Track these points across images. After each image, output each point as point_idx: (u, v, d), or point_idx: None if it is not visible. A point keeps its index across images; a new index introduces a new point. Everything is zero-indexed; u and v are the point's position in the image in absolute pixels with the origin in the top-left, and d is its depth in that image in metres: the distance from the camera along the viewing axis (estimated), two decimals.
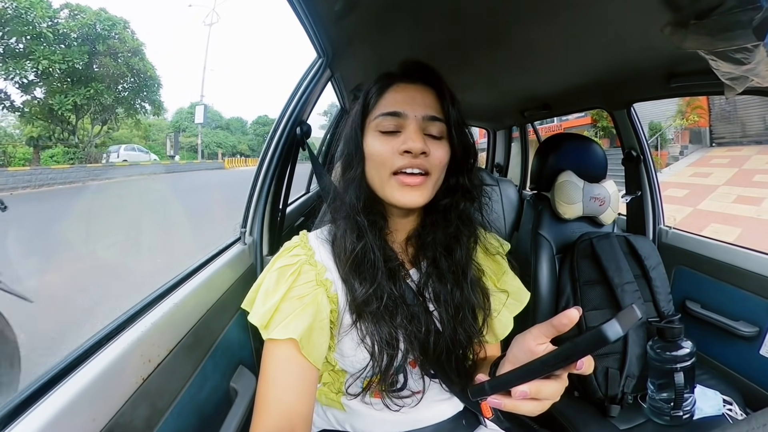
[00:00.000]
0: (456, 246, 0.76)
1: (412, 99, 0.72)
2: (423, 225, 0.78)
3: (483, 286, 0.79)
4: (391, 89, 0.74)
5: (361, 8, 0.99)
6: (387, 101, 0.73)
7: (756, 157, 11.61)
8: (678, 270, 1.60)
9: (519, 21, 1.04)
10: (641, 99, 1.64)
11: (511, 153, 3.34)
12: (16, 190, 13.47)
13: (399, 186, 0.69)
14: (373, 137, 0.72)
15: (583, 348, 0.43)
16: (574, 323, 0.48)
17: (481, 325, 0.77)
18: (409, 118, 0.70)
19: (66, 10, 18.01)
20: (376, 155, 0.70)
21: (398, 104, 0.71)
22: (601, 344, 0.41)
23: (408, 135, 0.68)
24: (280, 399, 0.63)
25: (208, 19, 43.13)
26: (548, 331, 0.51)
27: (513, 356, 0.55)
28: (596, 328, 0.41)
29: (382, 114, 0.71)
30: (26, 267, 5.56)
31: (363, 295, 0.68)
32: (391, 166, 0.69)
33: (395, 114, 0.70)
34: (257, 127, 46.29)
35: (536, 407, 0.51)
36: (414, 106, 0.71)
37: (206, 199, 12.35)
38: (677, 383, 1.07)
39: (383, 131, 0.71)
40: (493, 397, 0.51)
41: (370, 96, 0.75)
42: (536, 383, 0.48)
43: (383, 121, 0.71)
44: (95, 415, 0.51)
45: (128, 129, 27.18)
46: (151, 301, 0.74)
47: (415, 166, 0.68)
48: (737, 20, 0.70)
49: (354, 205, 0.71)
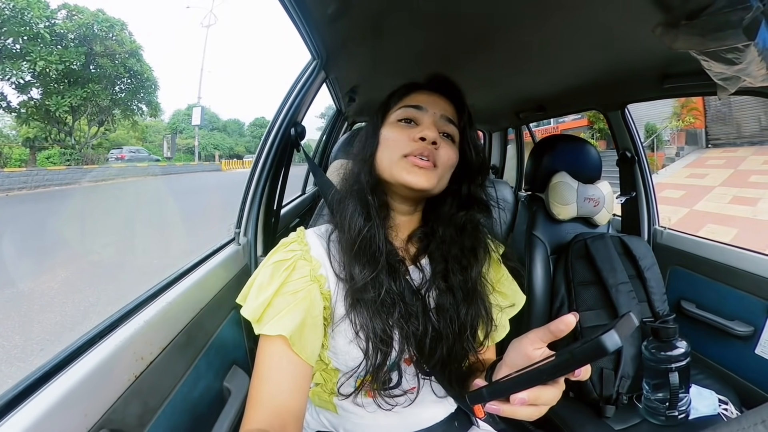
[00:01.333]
0: (473, 263, 0.77)
1: (434, 101, 0.78)
2: (432, 235, 0.79)
3: (490, 301, 0.79)
4: (416, 92, 0.80)
5: (354, 11, 1.00)
6: (411, 98, 0.79)
7: (752, 158, 11.70)
8: (673, 270, 1.61)
9: (513, 23, 1.05)
10: (635, 100, 1.64)
11: (507, 155, 3.35)
12: (12, 192, 13.42)
13: (409, 165, 0.71)
14: (392, 126, 0.76)
15: (581, 358, 0.44)
16: (571, 329, 0.49)
17: (483, 338, 0.78)
18: (428, 113, 0.76)
19: (64, 10, 17.98)
20: (393, 140, 0.74)
21: (421, 101, 0.77)
22: (599, 355, 0.41)
23: (424, 125, 0.74)
24: (271, 396, 0.62)
25: (205, 20, 43.08)
26: (545, 336, 0.52)
27: (510, 360, 0.56)
28: (595, 340, 0.42)
29: (405, 106, 0.77)
30: (20, 268, 5.55)
31: (362, 281, 0.68)
32: (402, 149, 0.72)
33: (416, 107, 0.76)
34: (255, 129, 46.33)
35: (534, 412, 0.51)
36: (434, 106, 0.77)
37: (202, 201, 12.34)
38: (672, 383, 1.07)
39: (401, 120, 0.76)
40: (491, 403, 0.51)
41: (394, 96, 0.82)
42: (535, 390, 0.49)
43: (403, 112, 0.76)
44: (87, 411, 0.51)
45: (125, 130, 27.13)
46: (144, 300, 0.74)
47: (425, 153, 0.71)
48: (728, 20, 0.70)
49: (367, 182, 0.74)
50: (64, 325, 3.84)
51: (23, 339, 3.58)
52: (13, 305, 4.38)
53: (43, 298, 4.46)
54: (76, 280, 5.18)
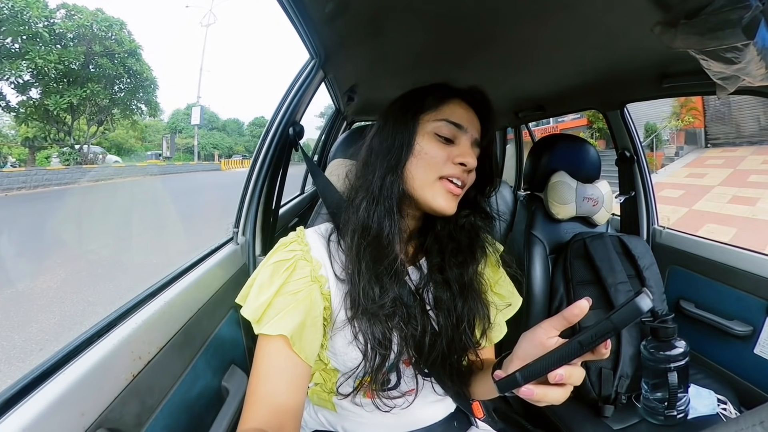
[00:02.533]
0: (470, 260, 0.77)
1: (471, 119, 0.75)
2: (430, 230, 0.79)
3: (486, 299, 0.79)
4: (454, 101, 0.76)
5: (352, 10, 0.99)
6: (450, 110, 0.74)
7: (751, 157, 11.71)
8: (672, 270, 1.61)
9: (513, 22, 1.04)
10: (634, 99, 1.64)
11: (506, 154, 3.35)
12: (11, 191, 13.41)
13: (444, 192, 0.71)
14: (429, 139, 0.72)
15: (619, 322, 0.46)
16: (585, 313, 0.50)
17: (480, 336, 0.77)
18: (467, 135, 0.74)
19: (63, 10, 17.98)
20: (431, 157, 0.71)
21: (462, 118, 0.74)
22: (636, 316, 0.44)
23: (465, 149, 0.72)
24: (269, 395, 0.62)
25: (205, 20, 43.03)
26: (559, 324, 0.53)
27: (522, 352, 0.56)
28: (630, 303, 0.45)
29: (446, 120, 0.73)
30: (19, 268, 5.56)
31: (374, 302, 0.68)
32: (440, 171, 0.71)
33: (459, 126, 0.73)
34: (254, 129, 46.36)
35: (563, 394, 0.53)
36: (472, 126, 0.75)
37: (201, 201, 12.34)
38: (671, 383, 1.07)
39: (441, 136, 0.72)
40: (525, 386, 0.52)
41: (428, 97, 0.76)
42: (567, 368, 0.50)
43: (444, 127, 0.72)
44: (84, 410, 0.51)
45: (124, 130, 27.13)
46: (142, 299, 0.74)
47: (462, 179, 0.72)
48: (727, 19, 0.70)
49: (395, 200, 0.70)
50: (63, 324, 3.84)
51: (22, 339, 3.58)
52: (12, 305, 4.38)
53: (43, 298, 4.46)
54: (75, 279, 5.18)
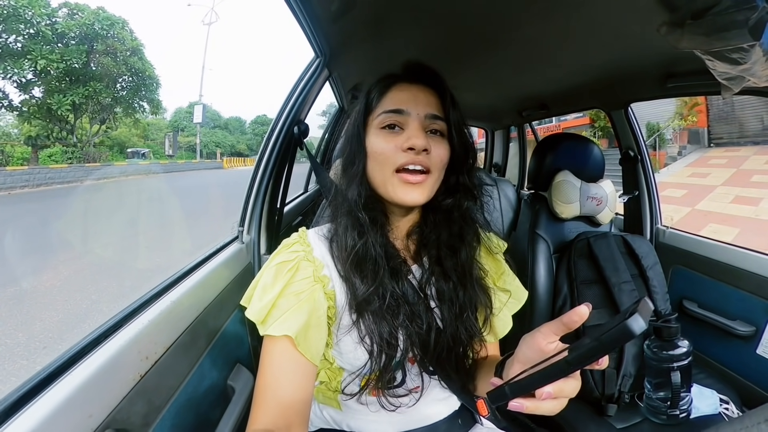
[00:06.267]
0: (460, 246, 0.76)
1: (415, 98, 0.73)
2: (425, 222, 0.79)
3: (486, 285, 0.79)
4: (394, 88, 0.75)
5: (357, 8, 1.00)
6: (390, 99, 0.73)
7: (754, 157, 11.64)
8: (675, 269, 1.61)
9: (517, 21, 1.04)
10: (638, 99, 1.64)
11: (510, 153, 3.34)
12: (15, 190, 13.45)
13: (401, 184, 0.69)
14: (375, 135, 0.72)
15: (608, 344, 0.43)
16: (584, 320, 0.48)
17: (482, 324, 0.78)
18: (412, 116, 0.71)
19: (64, 8, 18.02)
20: (379, 152, 0.71)
21: (401, 102, 0.72)
22: (626, 339, 0.41)
23: (411, 132, 0.70)
24: (277, 396, 0.63)
25: (207, 18, 43.06)
26: (558, 329, 0.51)
27: (523, 355, 0.55)
28: (621, 324, 0.42)
29: (384, 111, 0.72)
30: (23, 266, 5.57)
31: (364, 294, 0.68)
32: (393, 163, 0.69)
33: (398, 111, 0.71)
34: (256, 127, 46.35)
35: (556, 406, 0.50)
36: (416, 105, 0.72)
37: (204, 199, 12.36)
38: (674, 382, 1.07)
39: (385, 127, 0.72)
40: (514, 400, 0.50)
41: (372, 95, 0.76)
42: (558, 382, 0.48)
43: (386, 118, 0.71)
44: (92, 411, 0.51)
45: (127, 128, 27.18)
46: (148, 299, 0.74)
47: (417, 162, 0.69)
48: (733, 20, 0.70)
49: (356, 201, 0.71)
50: (68, 323, 3.86)
51: (26, 337, 3.59)
52: (16, 303, 4.40)
53: (46, 296, 4.47)
54: (79, 278, 5.19)
